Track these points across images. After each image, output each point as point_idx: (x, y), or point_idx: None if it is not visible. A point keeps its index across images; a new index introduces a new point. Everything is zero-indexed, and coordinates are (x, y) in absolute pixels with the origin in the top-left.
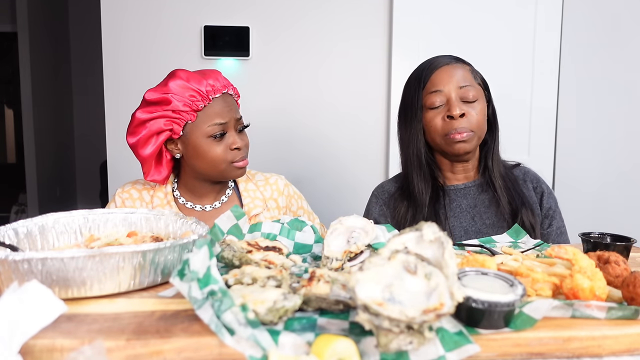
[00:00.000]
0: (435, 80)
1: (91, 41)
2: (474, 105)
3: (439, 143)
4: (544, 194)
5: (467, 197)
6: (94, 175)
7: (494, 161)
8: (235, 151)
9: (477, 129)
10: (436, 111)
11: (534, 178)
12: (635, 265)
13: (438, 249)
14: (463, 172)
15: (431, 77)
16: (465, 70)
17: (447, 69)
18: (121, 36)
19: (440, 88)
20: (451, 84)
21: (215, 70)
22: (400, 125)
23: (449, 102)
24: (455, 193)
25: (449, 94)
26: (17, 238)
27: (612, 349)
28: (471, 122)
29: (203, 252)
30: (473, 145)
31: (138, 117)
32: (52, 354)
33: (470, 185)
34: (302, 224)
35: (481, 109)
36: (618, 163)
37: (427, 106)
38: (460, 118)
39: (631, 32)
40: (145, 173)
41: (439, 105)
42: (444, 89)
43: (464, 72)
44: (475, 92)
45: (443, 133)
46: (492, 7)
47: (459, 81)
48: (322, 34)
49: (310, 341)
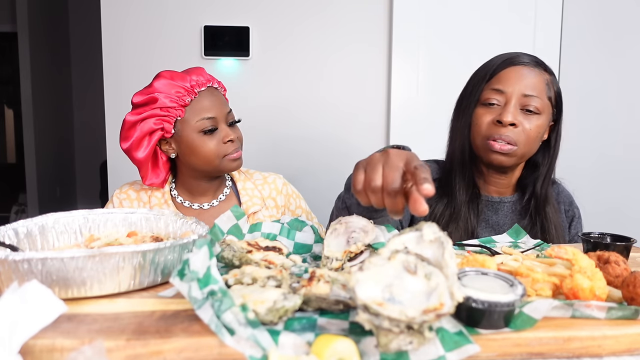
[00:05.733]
0: (502, 77)
1: (91, 41)
2: (531, 119)
3: (478, 145)
4: (574, 219)
5: (498, 214)
6: (94, 175)
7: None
8: (228, 144)
9: (522, 145)
10: (489, 109)
11: (567, 200)
12: (635, 265)
13: (438, 249)
14: (495, 185)
15: (500, 72)
16: (540, 78)
17: (520, 69)
18: (121, 36)
19: (504, 88)
20: (517, 87)
21: (199, 67)
22: (454, 113)
23: (506, 106)
24: (486, 205)
25: (509, 97)
26: (17, 238)
27: (612, 349)
28: (519, 134)
29: (203, 252)
30: (512, 161)
31: (128, 120)
32: (52, 354)
33: (505, 201)
34: (302, 224)
35: (538, 125)
36: (618, 163)
37: (482, 100)
38: (509, 126)
39: (631, 32)
40: (143, 177)
41: (495, 104)
42: (506, 90)
43: (538, 80)
44: (540, 105)
45: (485, 136)
46: (492, 8)
47: (526, 87)
48: (322, 33)
49: (310, 341)
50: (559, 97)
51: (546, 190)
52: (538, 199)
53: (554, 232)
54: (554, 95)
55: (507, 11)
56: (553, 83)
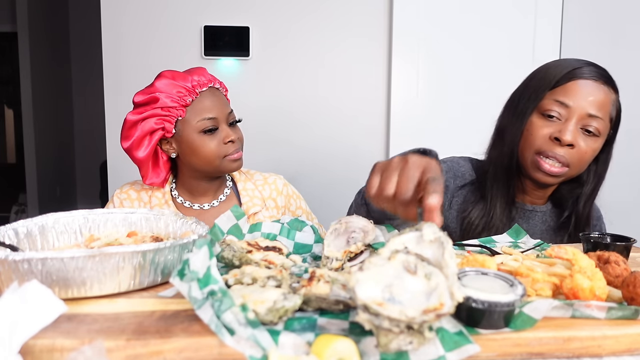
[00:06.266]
0: (569, 89)
1: (91, 41)
2: (589, 141)
3: (526, 157)
4: None
5: (529, 222)
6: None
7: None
8: (228, 144)
9: (574, 167)
10: (548, 122)
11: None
12: (635, 265)
13: (438, 249)
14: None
15: (568, 83)
16: (607, 98)
17: (590, 84)
18: (121, 36)
19: (569, 102)
20: (583, 103)
21: (200, 67)
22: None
23: (567, 122)
24: (518, 212)
25: (572, 114)
26: (17, 238)
27: (612, 349)
28: (573, 157)
29: (203, 252)
30: (557, 181)
31: (129, 120)
32: (52, 354)
33: (538, 211)
34: (302, 224)
35: (594, 149)
36: (618, 163)
37: (542, 110)
38: (567, 147)
39: (631, 32)
40: (144, 177)
41: (555, 117)
42: (571, 105)
43: (605, 100)
44: (601, 127)
45: (537, 150)
46: (492, 7)
47: (591, 106)
48: (322, 34)
49: (310, 341)
50: (619, 117)
51: (589, 210)
52: (579, 219)
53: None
54: (615, 115)
55: (507, 11)
56: (617, 102)
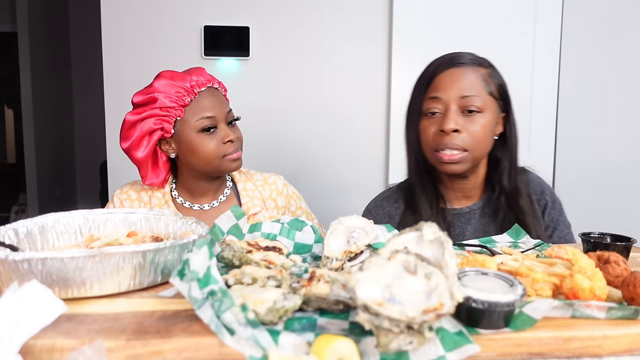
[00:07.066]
0: (437, 84)
1: (91, 41)
2: (475, 119)
3: (429, 157)
4: (547, 206)
5: (472, 222)
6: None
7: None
8: (228, 144)
9: (472, 148)
10: (432, 120)
11: (537, 189)
12: (635, 265)
13: (438, 249)
14: (462, 190)
15: (434, 79)
16: (476, 75)
17: (453, 72)
18: (121, 36)
19: (440, 95)
20: (453, 91)
21: (199, 67)
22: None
23: (446, 113)
24: (456, 218)
25: (447, 103)
26: (17, 238)
27: (612, 349)
28: (465, 139)
29: (203, 252)
30: (466, 166)
31: (128, 120)
32: (52, 354)
33: (475, 209)
34: (302, 224)
35: (484, 124)
36: (618, 163)
37: (424, 111)
38: (453, 133)
39: (631, 32)
40: (143, 177)
41: (436, 113)
42: (443, 97)
43: (474, 77)
44: (481, 103)
45: (433, 147)
46: (493, 11)
47: (462, 89)
48: (322, 34)
49: (310, 341)
50: (503, 88)
51: (515, 183)
52: (508, 194)
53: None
54: (495, 88)
55: (507, 12)
56: (492, 76)
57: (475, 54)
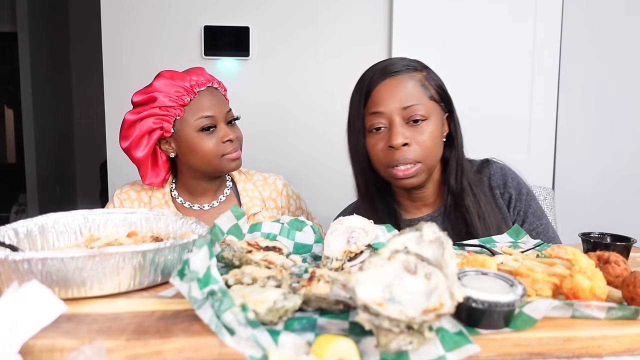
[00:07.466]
0: (375, 98)
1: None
2: (422, 128)
3: (383, 175)
4: (511, 200)
5: None
6: (94, 175)
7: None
8: (227, 143)
9: (425, 158)
10: (378, 135)
11: (499, 182)
12: (635, 265)
13: (438, 249)
14: (422, 199)
15: (372, 93)
16: (414, 82)
17: (390, 83)
18: (121, 36)
19: (381, 109)
20: (393, 103)
21: (199, 67)
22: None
23: (391, 127)
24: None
25: (390, 117)
26: (17, 238)
27: (612, 349)
28: (416, 151)
29: (203, 252)
30: (422, 178)
31: (128, 119)
32: (52, 354)
33: (435, 216)
34: (302, 224)
35: (432, 132)
36: (618, 162)
37: (368, 128)
38: (402, 148)
39: (631, 32)
40: (143, 177)
41: (381, 128)
42: (384, 110)
43: (413, 85)
44: (425, 111)
45: (385, 164)
46: (492, 10)
47: (403, 100)
48: (322, 34)
49: (310, 341)
50: (442, 89)
51: (461, 182)
52: (455, 192)
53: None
54: (435, 91)
55: (507, 12)
56: (429, 79)
57: (407, 57)
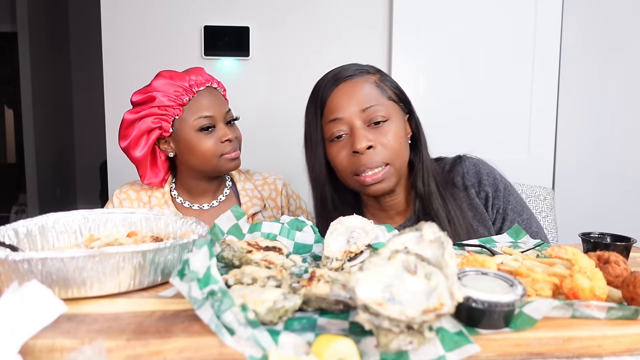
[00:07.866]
0: (331, 106)
1: (91, 41)
2: (385, 129)
3: (350, 184)
4: (488, 198)
5: None
6: (94, 175)
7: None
8: (226, 143)
9: (392, 159)
10: (339, 144)
11: (475, 181)
12: (635, 265)
13: (438, 249)
14: (393, 208)
15: (327, 101)
16: (369, 84)
17: (345, 87)
18: (121, 36)
19: (339, 115)
20: (351, 107)
21: (198, 67)
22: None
23: (352, 132)
24: None
25: (350, 121)
26: (17, 238)
27: (612, 349)
28: (382, 153)
29: (203, 252)
30: (392, 182)
31: (126, 119)
32: (52, 354)
33: (409, 224)
34: (302, 224)
35: (395, 132)
36: (618, 163)
37: (328, 138)
38: (367, 151)
39: (631, 32)
40: (142, 176)
41: (342, 135)
42: (343, 116)
43: (369, 87)
44: (385, 111)
45: (351, 172)
46: (493, 7)
47: (360, 102)
48: (322, 34)
49: (310, 341)
50: (399, 90)
51: (428, 185)
52: (422, 196)
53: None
54: (392, 92)
55: (507, 9)
56: (383, 80)
57: (358, 63)
